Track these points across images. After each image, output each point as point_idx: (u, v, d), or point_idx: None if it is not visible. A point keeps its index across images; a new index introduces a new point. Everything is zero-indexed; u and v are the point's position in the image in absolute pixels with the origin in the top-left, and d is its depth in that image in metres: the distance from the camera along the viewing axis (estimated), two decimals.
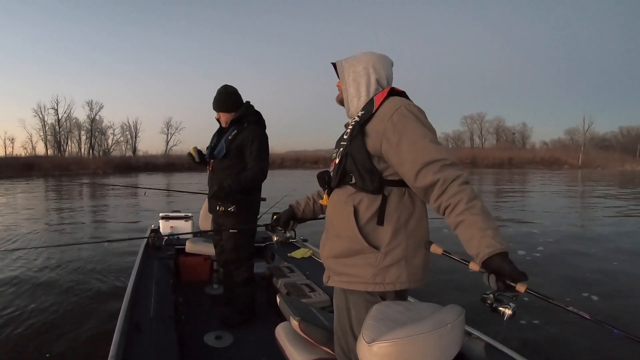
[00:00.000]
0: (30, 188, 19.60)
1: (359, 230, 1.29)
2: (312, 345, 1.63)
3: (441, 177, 1.16)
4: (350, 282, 1.34)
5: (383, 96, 1.34)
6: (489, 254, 1.05)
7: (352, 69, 1.42)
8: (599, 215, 10.69)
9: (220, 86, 2.69)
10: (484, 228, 1.08)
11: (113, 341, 1.79)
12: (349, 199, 1.34)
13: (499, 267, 1.04)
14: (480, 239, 1.07)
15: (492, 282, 1.05)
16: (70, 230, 8.25)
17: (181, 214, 4.13)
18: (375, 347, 1.09)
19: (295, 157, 49.73)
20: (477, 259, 1.08)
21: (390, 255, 1.29)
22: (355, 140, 1.31)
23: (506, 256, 1.05)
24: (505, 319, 1.07)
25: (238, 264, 2.73)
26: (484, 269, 1.07)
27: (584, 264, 5.59)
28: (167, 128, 58.69)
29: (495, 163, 45.22)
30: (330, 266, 1.41)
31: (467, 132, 67.38)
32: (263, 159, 2.63)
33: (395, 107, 1.28)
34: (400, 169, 1.25)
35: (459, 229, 1.13)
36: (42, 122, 52.08)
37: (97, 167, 39.96)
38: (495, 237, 1.07)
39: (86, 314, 3.60)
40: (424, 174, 1.19)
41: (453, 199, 1.14)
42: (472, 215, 1.11)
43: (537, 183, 22.59)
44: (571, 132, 63.16)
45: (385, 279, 1.29)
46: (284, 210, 1.74)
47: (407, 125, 1.24)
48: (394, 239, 1.29)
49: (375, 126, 1.29)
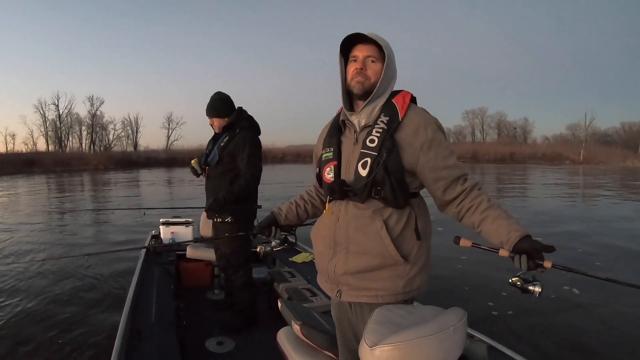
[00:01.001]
0: (31, 185, 19.55)
1: (394, 245, 1.27)
2: (314, 350, 1.63)
3: (466, 187, 1.28)
4: (378, 296, 1.30)
5: (406, 102, 1.31)
6: (519, 236, 1.17)
7: (393, 62, 1.33)
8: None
9: (214, 93, 2.71)
10: (508, 218, 1.22)
11: (114, 347, 1.79)
12: (375, 214, 1.28)
13: (530, 245, 1.15)
14: (509, 226, 1.19)
15: (523, 263, 1.15)
16: (71, 231, 8.24)
17: (182, 219, 4.13)
18: (378, 351, 1.08)
19: (296, 152, 49.53)
20: (508, 244, 1.18)
21: (416, 265, 1.31)
22: (393, 153, 1.24)
23: (531, 237, 1.17)
24: (537, 296, 1.18)
25: (235, 269, 2.72)
26: (514, 252, 1.17)
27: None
28: (168, 123, 58.27)
29: (496, 158, 45.06)
30: (347, 282, 1.33)
31: (469, 127, 67.09)
32: (254, 164, 2.61)
33: (429, 121, 1.29)
34: (434, 185, 1.30)
35: (483, 224, 1.23)
36: (43, 118, 51.92)
37: (98, 162, 39.82)
38: (519, 224, 1.20)
39: (87, 320, 3.59)
40: (452, 187, 1.28)
41: (475, 201, 1.26)
42: (495, 210, 1.23)
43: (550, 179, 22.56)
44: (573, 127, 62.88)
45: (413, 287, 1.32)
46: (264, 217, 1.65)
47: (441, 142, 1.28)
48: (420, 248, 1.32)
49: (408, 139, 1.26)
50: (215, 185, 2.65)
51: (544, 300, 3.94)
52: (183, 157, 38.27)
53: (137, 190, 17.70)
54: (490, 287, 4.29)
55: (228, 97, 2.72)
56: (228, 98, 2.72)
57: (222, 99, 2.70)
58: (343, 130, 1.40)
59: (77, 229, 8.61)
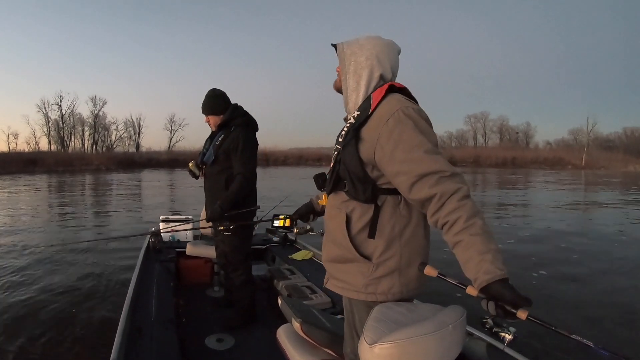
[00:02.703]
0: (33, 184, 19.59)
1: (350, 240, 1.25)
2: (314, 347, 1.63)
3: (438, 191, 1.08)
4: (344, 289, 1.32)
5: (381, 94, 1.23)
6: (487, 280, 0.99)
7: (354, 58, 1.30)
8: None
9: (209, 90, 2.69)
10: (482, 251, 1.01)
11: (114, 345, 1.78)
12: (342, 206, 1.29)
13: (499, 294, 0.98)
14: (479, 264, 1.01)
15: (491, 309, 1.00)
16: (71, 231, 8.26)
17: (181, 216, 4.14)
18: (377, 349, 1.08)
19: (298, 155, 49.57)
20: (475, 284, 1.03)
21: (382, 267, 1.24)
22: (348, 147, 1.23)
23: (506, 282, 0.99)
24: (506, 343, 1.05)
25: (235, 266, 2.72)
26: (482, 294, 1.02)
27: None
28: (171, 124, 58.06)
29: (498, 162, 45.08)
30: (328, 269, 1.40)
31: (471, 131, 67.06)
32: (247, 164, 2.56)
33: (393, 110, 1.17)
34: (394, 180, 1.18)
35: (456, 250, 1.07)
36: (45, 117, 52.00)
37: (100, 162, 39.87)
38: (494, 261, 1.00)
39: (86, 317, 3.59)
40: (419, 187, 1.11)
41: (451, 216, 1.07)
42: (470, 236, 1.04)
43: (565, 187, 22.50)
44: (575, 132, 62.85)
45: (377, 290, 1.24)
46: (302, 204, 1.80)
47: (403, 132, 1.14)
48: (387, 250, 1.23)
49: (370, 131, 1.21)
50: (212, 185, 2.64)
51: (545, 300, 3.94)
52: (185, 158, 38.00)
53: (138, 188, 17.71)
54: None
55: (223, 94, 2.68)
56: (223, 94, 2.67)
57: (217, 96, 2.65)
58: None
59: (77, 228, 8.63)
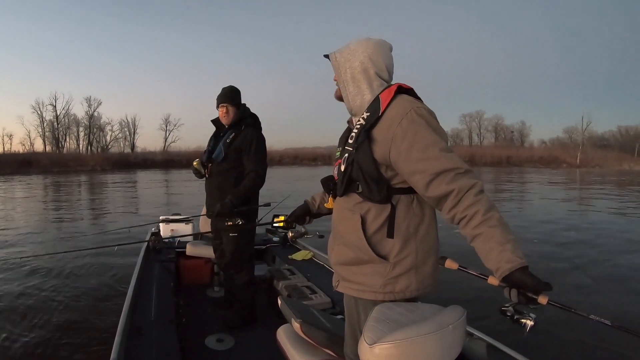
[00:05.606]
0: (29, 186, 19.48)
1: (367, 240, 1.25)
2: (314, 348, 1.63)
3: (455, 187, 1.12)
4: (359, 290, 1.31)
5: (390, 95, 1.25)
6: (509, 269, 1.04)
7: (349, 65, 1.32)
8: None
9: (225, 86, 2.73)
10: (502, 242, 1.06)
11: (114, 345, 1.79)
12: (355, 208, 1.29)
13: (521, 281, 1.03)
14: (500, 254, 1.05)
15: (513, 296, 1.05)
16: (70, 231, 8.21)
17: (181, 216, 4.14)
18: (377, 349, 1.08)
19: (293, 154, 49.47)
20: (497, 273, 1.06)
21: (399, 265, 1.26)
22: (362, 147, 1.24)
23: (527, 269, 1.03)
24: (527, 330, 1.08)
25: (239, 267, 2.73)
26: (504, 283, 1.06)
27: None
28: (166, 124, 58.07)
29: (493, 161, 45.23)
30: (339, 272, 1.38)
31: (466, 130, 67.24)
32: (260, 162, 2.62)
33: (405, 110, 1.20)
34: (410, 179, 1.20)
35: (476, 242, 1.11)
36: (40, 118, 51.91)
37: (95, 163, 39.93)
38: (515, 250, 1.05)
39: (87, 317, 3.59)
40: (436, 184, 1.15)
41: (469, 211, 1.11)
42: (489, 228, 1.08)
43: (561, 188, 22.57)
44: (570, 130, 63.21)
45: (395, 289, 1.26)
46: (297, 206, 1.77)
47: (418, 132, 1.17)
48: (403, 249, 1.25)
49: (383, 132, 1.22)
50: (220, 183, 2.64)
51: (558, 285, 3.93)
52: (180, 159, 38.25)
53: (136, 187, 17.62)
54: (490, 285, 4.29)
55: (239, 91, 2.76)
56: (239, 91, 2.75)
57: (236, 91, 2.73)
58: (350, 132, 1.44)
59: (75, 230, 8.59)
